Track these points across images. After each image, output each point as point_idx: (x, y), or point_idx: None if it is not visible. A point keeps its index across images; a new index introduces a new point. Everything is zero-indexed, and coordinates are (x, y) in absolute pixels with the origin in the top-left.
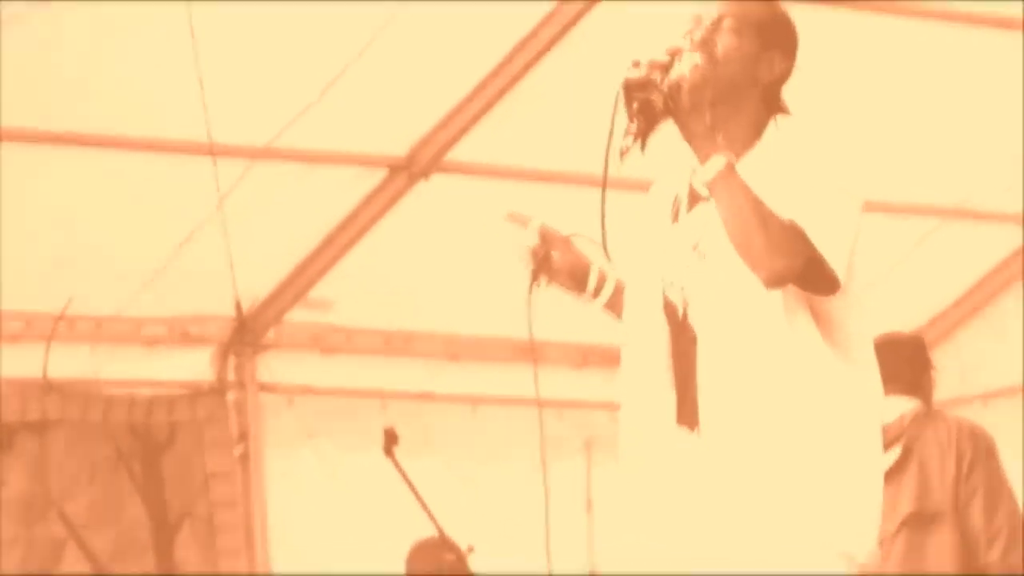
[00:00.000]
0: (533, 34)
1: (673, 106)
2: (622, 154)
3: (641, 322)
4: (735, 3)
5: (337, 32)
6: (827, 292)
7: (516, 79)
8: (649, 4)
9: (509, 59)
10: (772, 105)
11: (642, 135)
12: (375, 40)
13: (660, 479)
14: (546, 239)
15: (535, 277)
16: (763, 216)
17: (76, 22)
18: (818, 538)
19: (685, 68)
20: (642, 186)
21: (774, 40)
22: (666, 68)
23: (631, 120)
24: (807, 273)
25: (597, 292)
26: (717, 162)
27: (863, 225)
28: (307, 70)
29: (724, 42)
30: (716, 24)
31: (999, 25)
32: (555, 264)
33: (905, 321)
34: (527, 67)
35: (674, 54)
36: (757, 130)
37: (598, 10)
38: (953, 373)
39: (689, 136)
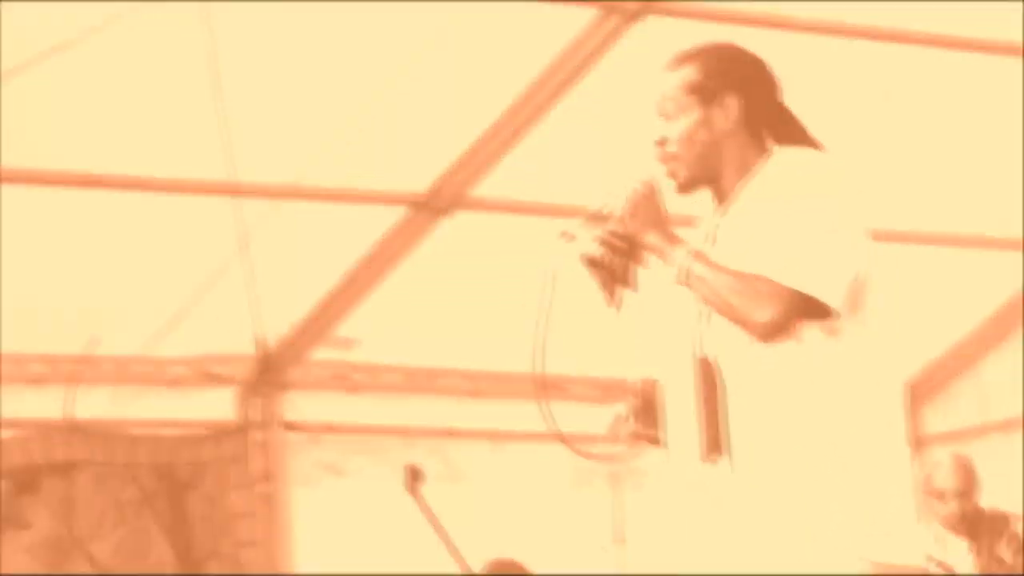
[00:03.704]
0: (553, 69)
1: (629, 245)
2: (617, 308)
3: (670, 368)
4: (671, 79)
5: (357, 71)
6: (825, 318)
7: (538, 113)
8: (674, 36)
9: (530, 94)
10: (757, 139)
11: (618, 292)
12: (395, 77)
13: (690, 513)
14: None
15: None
16: (733, 288)
17: (97, 62)
18: (854, 554)
19: (616, 206)
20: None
21: (717, 88)
22: (601, 217)
23: (604, 291)
24: (802, 311)
25: None
26: (678, 259)
27: (873, 248)
28: (328, 108)
29: (675, 130)
30: (670, 113)
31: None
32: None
33: (925, 349)
34: (549, 101)
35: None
36: (748, 169)
37: (619, 45)
38: (973, 402)
39: (650, 251)
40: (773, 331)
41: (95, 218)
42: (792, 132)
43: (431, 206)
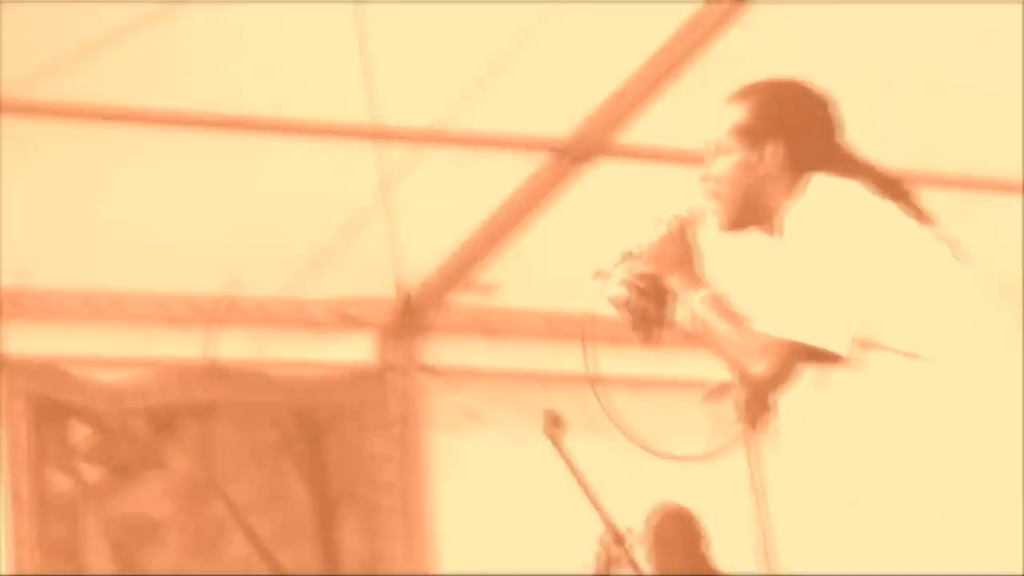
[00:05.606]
0: (699, 18)
1: (655, 287)
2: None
3: None
4: (725, 116)
5: (501, 15)
6: (837, 360)
7: (682, 61)
8: None
9: (674, 41)
10: (797, 183)
11: (648, 333)
12: (539, 23)
13: None
14: None
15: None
16: (731, 340)
17: (241, 7)
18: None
19: (645, 247)
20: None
21: (763, 133)
22: (632, 257)
23: (634, 331)
24: (808, 357)
25: None
26: (691, 303)
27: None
28: (472, 53)
29: (719, 170)
30: (714, 152)
31: None
32: None
33: None
34: (693, 48)
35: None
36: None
37: None
38: None
39: (673, 293)
40: (769, 384)
41: (239, 160)
42: (846, 170)
43: (572, 153)
